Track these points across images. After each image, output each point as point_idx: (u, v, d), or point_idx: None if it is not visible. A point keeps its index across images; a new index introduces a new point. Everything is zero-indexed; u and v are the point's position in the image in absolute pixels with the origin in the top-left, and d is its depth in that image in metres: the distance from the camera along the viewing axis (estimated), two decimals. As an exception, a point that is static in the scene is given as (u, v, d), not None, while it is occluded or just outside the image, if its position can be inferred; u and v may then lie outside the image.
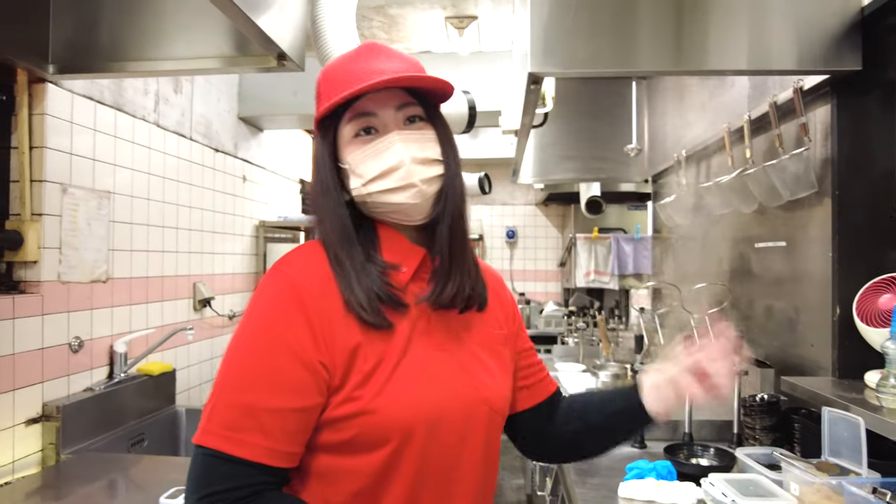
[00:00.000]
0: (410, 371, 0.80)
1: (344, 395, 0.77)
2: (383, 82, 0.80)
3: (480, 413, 0.85)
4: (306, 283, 0.79)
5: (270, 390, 0.74)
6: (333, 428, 0.78)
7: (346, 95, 0.80)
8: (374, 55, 0.85)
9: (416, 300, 0.85)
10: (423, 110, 0.87)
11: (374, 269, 0.82)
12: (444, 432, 0.81)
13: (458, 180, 0.89)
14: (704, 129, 2.58)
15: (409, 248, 0.87)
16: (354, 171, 0.84)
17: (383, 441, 0.77)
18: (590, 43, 1.61)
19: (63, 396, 1.86)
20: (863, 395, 1.45)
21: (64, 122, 1.88)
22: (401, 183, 0.82)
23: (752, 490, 1.32)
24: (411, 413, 0.78)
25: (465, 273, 0.88)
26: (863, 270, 1.62)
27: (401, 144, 0.82)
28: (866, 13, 1.53)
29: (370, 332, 0.79)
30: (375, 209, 0.86)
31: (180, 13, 1.71)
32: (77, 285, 1.93)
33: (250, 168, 3.25)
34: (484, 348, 0.91)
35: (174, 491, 1.50)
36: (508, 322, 0.98)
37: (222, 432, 0.73)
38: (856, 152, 1.67)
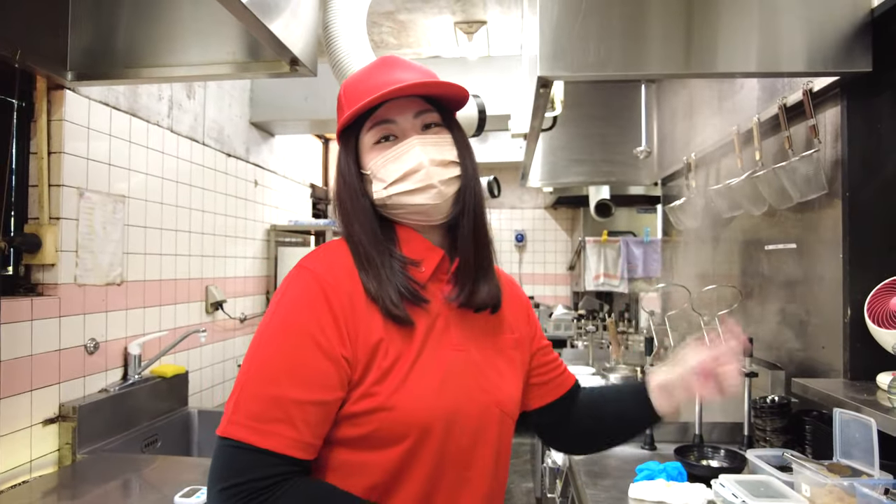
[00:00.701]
0: (427, 369, 0.82)
1: (362, 390, 0.79)
2: (400, 90, 0.84)
3: (493, 414, 0.87)
4: (331, 279, 0.82)
5: (296, 382, 0.76)
6: (351, 423, 0.79)
7: (366, 104, 0.85)
8: (391, 67, 0.91)
9: (446, 298, 0.88)
10: (440, 116, 0.91)
11: (398, 265, 0.85)
12: (459, 431, 0.83)
13: (476, 182, 0.92)
14: (714, 132, 2.58)
15: (429, 248, 0.90)
16: (376, 176, 0.88)
17: (401, 437, 0.79)
18: (599, 46, 1.62)
19: (79, 397, 1.89)
20: (874, 397, 1.45)
21: (81, 127, 1.92)
22: (420, 184, 0.86)
23: (762, 491, 1.32)
24: (428, 410, 0.80)
25: (489, 272, 0.92)
26: (874, 272, 1.61)
27: (420, 148, 0.86)
28: (876, 14, 1.53)
29: (391, 329, 0.82)
30: (396, 211, 0.89)
31: (195, 20, 1.74)
32: (93, 288, 1.96)
33: (262, 173, 3.29)
34: (496, 351, 0.93)
35: (188, 490, 1.52)
36: (521, 325, 1.00)
37: (249, 423, 0.74)
38: (867, 154, 1.67)
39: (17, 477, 1.65)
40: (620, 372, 2.27)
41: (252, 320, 3.13)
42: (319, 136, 4.58)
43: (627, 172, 3.63)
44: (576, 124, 3.57)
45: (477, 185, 0.92)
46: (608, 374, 2.27)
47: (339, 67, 1.88)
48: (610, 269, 4.06)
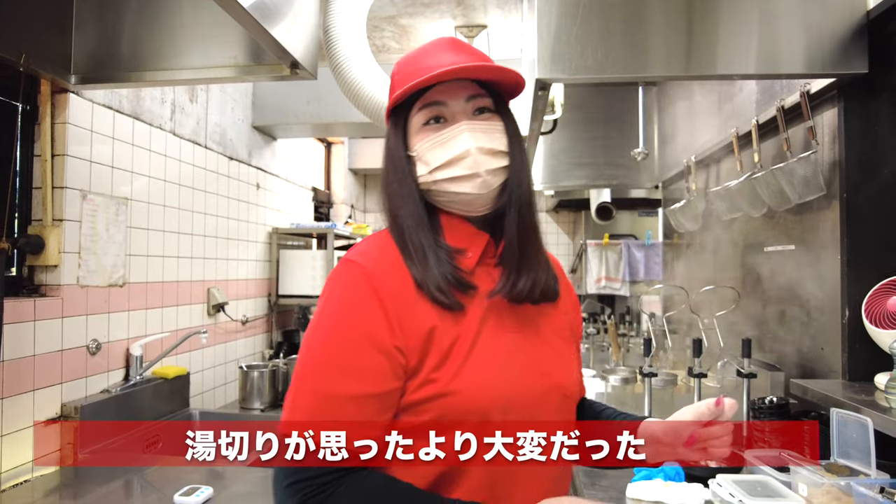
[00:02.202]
0: (485, 353, 0.81)
1: (421, 377, 0.78)
2: (452, 71, 0.82)
3: (553, 396, 0.85)
4: (378, 271, 0.81)
5: (349, 378, 0.76)
6: (412, 412, 0.79)
7: (418, 83, 0.82)
8: (446, 48, 0.88)
9: (490, 292, 0.85)
10: (493, 102, 0.88)
11: (443, 254, 0.84)
12: (517, 413, 0.81)
13: (525, 174, 0.89)
14: (713, 135, 2.59)
15: (474, 233, 0.88)
16: (422, 159, 0.86)
17: (463, 422, 0.78)
18: (596, 49, 1.63)
19: (81, 397, 1.90)
20: (872, 398, 1.45)
21: (84, 130, 1.94)
22: (466, 172, 0.83)
23: (759, 491, 1.32)
24: (489, 394, 0.79)
25: (540, 265, 0.89)
26: (872, 273, 1.62)
27: (469, 134, 0.84)
28: (872, 17, 1.54)
29: (444, 315, 0.81)
30: (439, 198, 0.87)
31: (197, 24, 1.76)
32: (95, 289, 1.98)
33: (264, 176, 3.31)
34: (555, 335, 0.91)
35: (188, 489, 1.53)
36: (570, 308, 0.98)
37: (309, 421, 0.75)
38: (864, 155, 1.68)
39: (19, 476, 1.66)
40: (620, 374, 2.28)
41: (254, 322, 3.15)
42: (321, 140, 4.60)
43: (629, 175, 3.63)
44: (577, 127, 3.58)
45: (526, 178, 0.89)
46: (608, 376, 2.28)
47: (339, 71, 1.90)
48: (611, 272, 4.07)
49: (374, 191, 5.40)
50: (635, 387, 2.24)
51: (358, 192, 5.22)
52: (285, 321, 3.50)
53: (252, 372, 2.66)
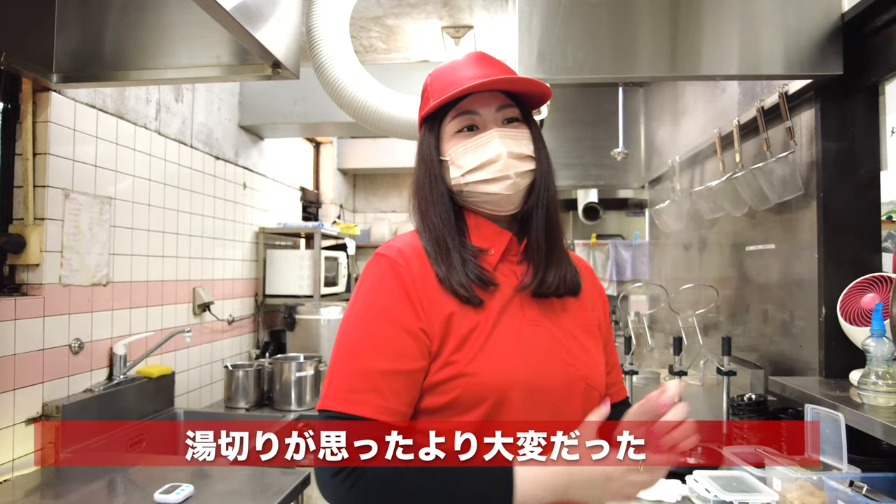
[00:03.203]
0: (505, 339, 0.87)
1: (442, 359, 0.84)
2: (487, 83, 0.90)
3: (577, 387, 0.89)
4: (404, 262, 0.88)
5: (380, 355, 0.83)
6: (434, 392, 0.84)
7: (454, 94, 0.90)
8: (478, 62, 0.96)
9: (517, 288, 0.91)
10: (520, 112, 0.96)
11: (467, 253, 0.90)
12: (540, 401, 0.85)
13: (550, 177, 0.97)
14: (698, 135, 2.61)
15: (497, 231, 0.95)
16: (454, 163, 0.93)
17: (481, 401, 0.83)
18: (578, 50, 1.65)
19: (63, 397, 1.89)
20: (847, 394, 1.47)
21: (67, 129, 1.93)
22: (497, 174, 0.91)
23: (735, 486, 1.34)
24: (507, 377, 0.84)
25: (563, 262, 0.95)
26: (848, 271, 1.64)
27: (499, 140, 0.91)
28: (847, 19, 1.57)
29: (463, 305, 0.87)
30: (470, 199, 0.94)
31: (181, 24, 1.76)
32: (78, 288, 1.97)
33: (251, 175, 3.30)
34: (581, 329, 0.95)
35: (168, 487, 1.53)
36: (598, 306, 1.02)
37: (343, 395, 0.81)
38: (840, 155, 1.70)
39: (0, 475, 1.66)
40: (603, 372, 2.30)
41: (240, 322, 3.14)
42: (310, 140, 4.60)
43: (616, 176, 3.66)
44: (564, 128, 3.60)
45: (550, 180, 0.96)
46: (592, 375, 2.30)
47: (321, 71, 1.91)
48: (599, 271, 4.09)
49: (363, 191, 5.40)
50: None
51: (347, 192, 5.22)
52: (272, 321, 3.50)
53: (237, 371, 2.66)
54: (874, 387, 1.33)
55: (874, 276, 1.53)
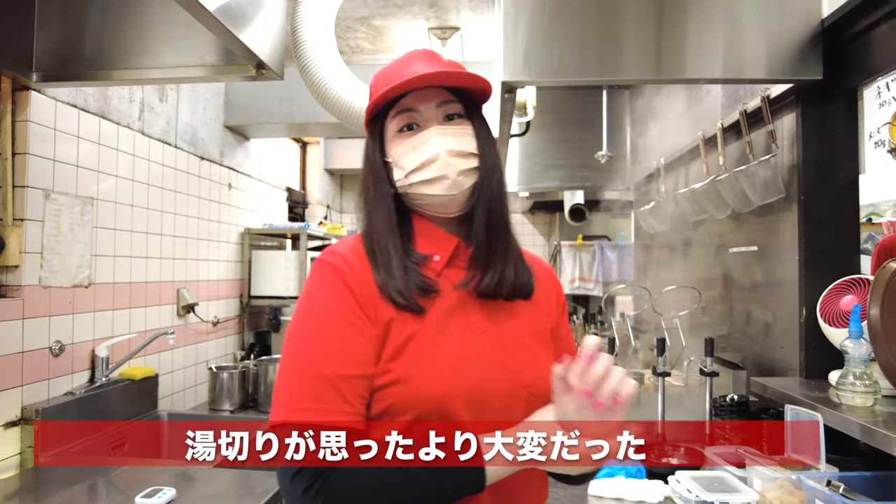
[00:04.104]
0: (446, 348, 0.84)
1: (380, 366, 0.82)
2: (421, 78, 0.87)
3: (520, 395, 0.86)
4: (346, 266, 0.86)
5: (340, 361, 0.80)
6: (374, 398, 0.82)
7: (388, 91, 0.87)
8: (420, 58, 0.93)
9: (455, 286, 0.88)
10: (463, 108, 0.92)
11: (409, 260, 0.88)
12: (480, 410, 0.83)
13: (496, 174, 0.93)
14: (683, 138, 2.63)
15: (444, 236, 0.92)
16: (397, 164, 0.90)
17: (413, 411, 0.80)
18: (562, 52, 1.65)
19: (43, 400, 1.87)
20: (826, 394, 1.50)
21: (47, 129, 1.91)
22: (436, 174, 0.88)
23: (716, 486, 1.35)
24: (445, 387, 0.82)
25: (507, 263, 0.91)
26: (828, 273, 1.66)
27: (438, 138, 0.88)
28: (826, 25, 1.59)
29: (402, 311, 0.85)
30: (416, 201, 0.92)
31: (164, 24, 1.74)
32: (59, 290, 1.95)
33: (236, 176, 3.28)
34: (530, 335, 0.92)
35: (150, 490, 1.52)
36: (552, 311, 0.99)
37: (311, 405, 0.78)
38: (821, 158, 1.73)
39: (-22, 481, 1.64)
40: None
41: (225, 324, 3.12)
42: (297, 140, 4.58)
43: (602, 177, 3.68)
44: (552, 130, 3.61)
45: (497, 178, 0.93)
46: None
47: (306, 71, 1.90)
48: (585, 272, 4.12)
49: (350, 191, 5.39)
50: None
51: (334, 193, 5.20)
52: (257, 322, 3.48)
53: (222, 373, 2.64)
54: (852, 387, 1.35)
55: (853, 278, 1.56)
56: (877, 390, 1.35)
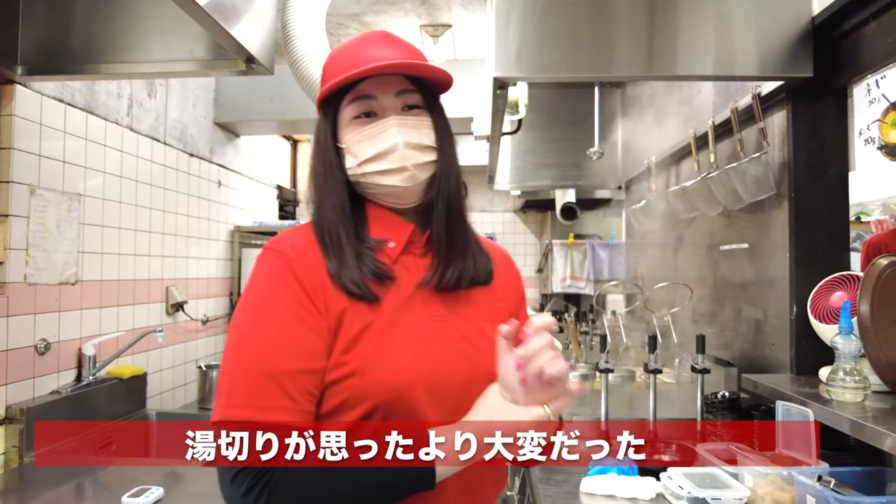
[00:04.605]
0: (403, 338, 0.82)
1: (334, 359, 0.79)
2: (382, 67, 0.83)
3: (479, 383, 0.85)
4: (295, 255, 0.82)
5: (286, 355, 0.77)
6: (329, 393, 0.79)
7: (347, 78, 0.84)
8: (379, 42, 0.89)
9: (417, 285, 0.86)
10: (422, 99, 0.90)
11: (363, 246, 0.85)
12: (442, 399, 0.81)
13: (454, 168, 0.91)
14: (674, 136, 2.64)
15: (399, 223, 0.90)
16: (351, 151, 0.87)
17: (370, 403, 0.78)
18: (554, 49, 1.65)
19: (28, 399, 1.84)
20: (817, 390, 1.50)
21: (33, 123, 1.88)
22: (393, 165, 0.85)
23: (708, 483, 1.35)
24: (404, 377, 0.79)
25: (467, 255, 0.91)
26: (819, 270, 1.67)
27: (396, 129, 0.86)
28: (817, 23, 1.59)
29: (356, 301, 0.82)
30: (369, 190, 0.89)
31: (154, 18, 1.73)
32: (45, 287, 1.92)
33: (226, 173, 3.25)
34: (489, 321, 0.90)
35: (137, 490, 1.50)
36: (511, 297, 0.99)
37: (250, 402, 0.75)
38: (811, 156, 1.73)
39: (-39, 481, 1.61)
40: (579, 370, 2.31)
41: (215, 322, 3.09)
42: (287, 138, 4.55)
43: (593, 176, 3.68)
44: (543, 128, 3.61)
45: (454, 172, 0.91)
46: (569, 373, 2.32)
47: (297, 67, 1.88)
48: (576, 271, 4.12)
49: (341, 190, 5.35)
50: (594, 383, 2.27)
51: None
52: (248, 321, 3.45)
53: (211, 372, 2.61)
54: (842, 383, 1.35)
55: (843, 275, 1.56)
56: (867, 386, 1.35)
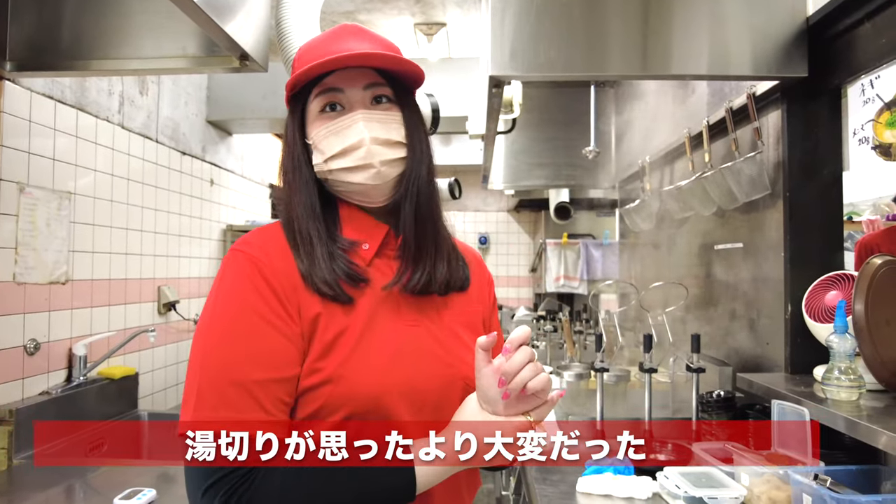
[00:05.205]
0: (378, 344, 0.80)
1: (308, 366, 0.77)
2: (347, 58, 0.80)
3: (456, 388, 0.84)
4: (265, 258, 0.79)
5: (255, 363, 0.74)
6: (304, 399, 0.77)
7: (311, 69, 0.81)
8: (349, 35, 0.86)
9: (382, 287, 0.83)
10: (393, 93, 0.86)
11: (335, 247, 0.82)
12: (419, 405, 0.80)
13: (425, 165, 0.88)
14: (668, 136, 2.64)
15: (372, 224, 0.87)
16: (317, 147, 0.84)
17: (346, 409, 0.76)
18: (550, 47, 1.64)
19: (17, 400, 1.82)
20: (811, 389, 1.50)
21: (22, 120, 1.85)
22: (359, 162, 0.82)
23: (704, 482, 1.35)
24: (379, 383, 0.78)
25: (438, 258, 0.87)
26: (813, 269, 1.67)
27: (363, 124, 0.82)
28: (811, 23, 1.59)
29: (330, 304, 0.79)
30: (337, 188, 0.86)
31: (145, 13, 1.70)
32: (34, 286, 1.89)
33: (218, 172, 3.23)
34: (465, 326, 0.90)
35: (129, 492, 1.48)
36: (484, 299, 0.97)
37: (220, 415, 0.72)
38: (805, 155, 1.74)
39: (-51, 483, 1.58)
40: (574, 369, 2.31)
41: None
42: (278, 136, 4.53)
43: (587, 176, 3.69)
44: (537, 128, 3.61)
45: (426, 169, 0.88)
46: (563, 372, 2.31)
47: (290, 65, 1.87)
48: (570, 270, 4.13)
49: (335, 189, 5.34)
50: (589, 382, 2.27)
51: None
52: (241, 320, 3.42)
53: (204, 372, 2.59)
54: (837, 382, 1.36)
55: (837, 274, 1.57)
56: (861, 384, 1.36)
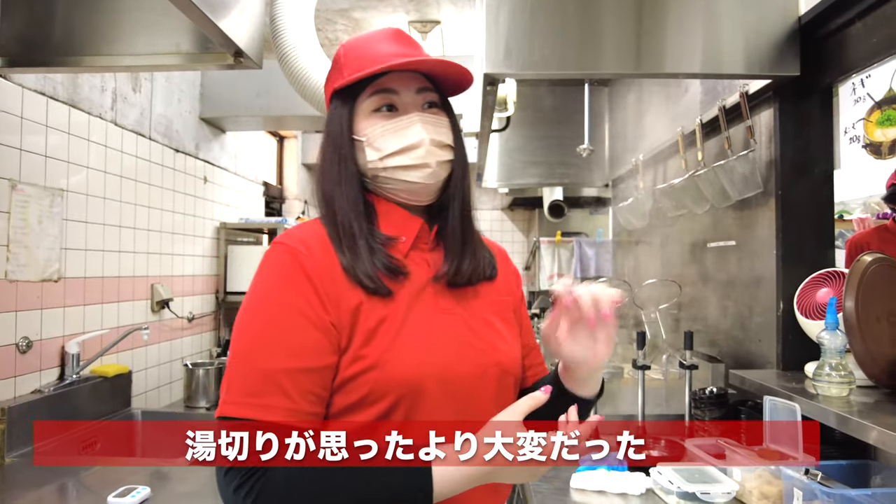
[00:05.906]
0: (417, 330, 0.83)
1: (351, 354, 0.79)
2: (409, 63, 0.85)
3: (491, 373, 0.87)
4: (305, 250, 0.82)
5: (284, 353, 0.77)
6: (346, 390, 0.79)
7: (374, 70, 0.84)
8: (399, 39, 0.91)
9: (433, 278, 0.87)
10: (439, 98, 0.91)
11: (375, 241, 0.85)
12: (455, 391, 0.83)
13: (466, 168, 0.94)
14: (661, 134, 2.66)
15: (407, 218, 0.90)
16: (372, 144, 0.87)
17: (391, 396, 0.79)
18: (545, 45, 1.65)
19: (9, 398, 1.81)
20: (803, 385, 1.52)
21: (13, 117, 1.84)
22: (417, 161, 0.86)
23: (697, 477, 1.36)
24: (419, 369, 0.80)
25: (477, 253, 0.93)
26: (805, 267, 1.69)
27: (421, 125, 0.87)
28: (803, 22, 1.61)
29: (370, 296, 0.82)
30: (386, 185, 0.89)
31: (138, 9, 1.69)
32: (26, 284, 1.88)
33: (212, 169, 3.22)
34: (495, 314, 0.93)
35: (123, 490, 1.48)
36: (513, 292, 1.00)
37: (244, 400, 0.75)
38: (797, 154, 1.75)
39: (-60, 482, 1.57)
40: (569, 367, 2.32)
41: (200, 320, 3.06)
42: (273, 134, 4.51)
43: (581, 174, 3.70)
44: (531, 126, 3.62)
45: (466, 171, 0.94)
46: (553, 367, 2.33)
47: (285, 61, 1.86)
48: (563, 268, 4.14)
49: (328, 187, 5.33)
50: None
51: (312, 188, 5.13)
52: (233, 318, 3.41)
53: (197, 370, 2.58)
54: (828, 378, 1.37)
55: (828, 272, 1.58)
56: (852, 381, 1.37)
